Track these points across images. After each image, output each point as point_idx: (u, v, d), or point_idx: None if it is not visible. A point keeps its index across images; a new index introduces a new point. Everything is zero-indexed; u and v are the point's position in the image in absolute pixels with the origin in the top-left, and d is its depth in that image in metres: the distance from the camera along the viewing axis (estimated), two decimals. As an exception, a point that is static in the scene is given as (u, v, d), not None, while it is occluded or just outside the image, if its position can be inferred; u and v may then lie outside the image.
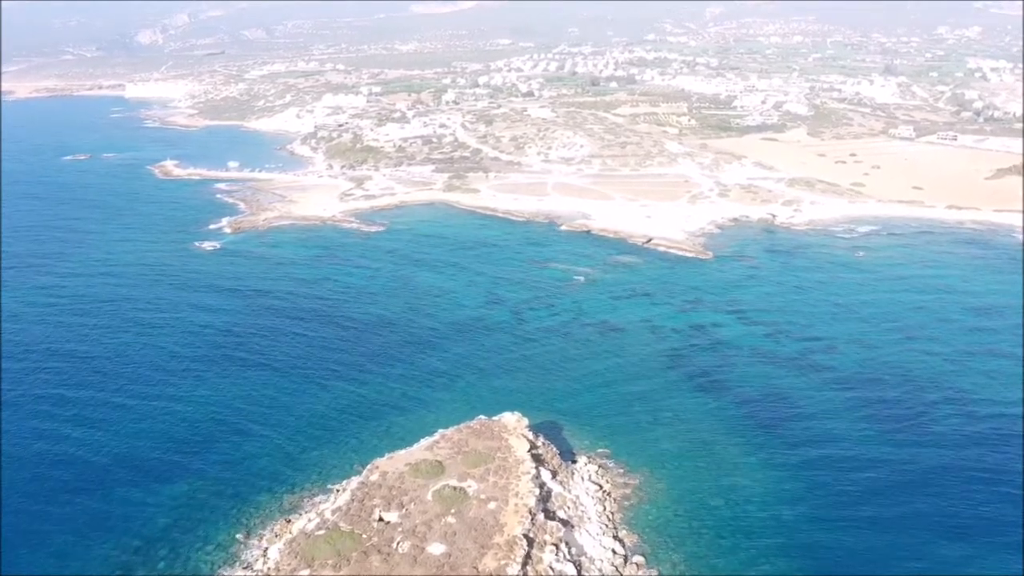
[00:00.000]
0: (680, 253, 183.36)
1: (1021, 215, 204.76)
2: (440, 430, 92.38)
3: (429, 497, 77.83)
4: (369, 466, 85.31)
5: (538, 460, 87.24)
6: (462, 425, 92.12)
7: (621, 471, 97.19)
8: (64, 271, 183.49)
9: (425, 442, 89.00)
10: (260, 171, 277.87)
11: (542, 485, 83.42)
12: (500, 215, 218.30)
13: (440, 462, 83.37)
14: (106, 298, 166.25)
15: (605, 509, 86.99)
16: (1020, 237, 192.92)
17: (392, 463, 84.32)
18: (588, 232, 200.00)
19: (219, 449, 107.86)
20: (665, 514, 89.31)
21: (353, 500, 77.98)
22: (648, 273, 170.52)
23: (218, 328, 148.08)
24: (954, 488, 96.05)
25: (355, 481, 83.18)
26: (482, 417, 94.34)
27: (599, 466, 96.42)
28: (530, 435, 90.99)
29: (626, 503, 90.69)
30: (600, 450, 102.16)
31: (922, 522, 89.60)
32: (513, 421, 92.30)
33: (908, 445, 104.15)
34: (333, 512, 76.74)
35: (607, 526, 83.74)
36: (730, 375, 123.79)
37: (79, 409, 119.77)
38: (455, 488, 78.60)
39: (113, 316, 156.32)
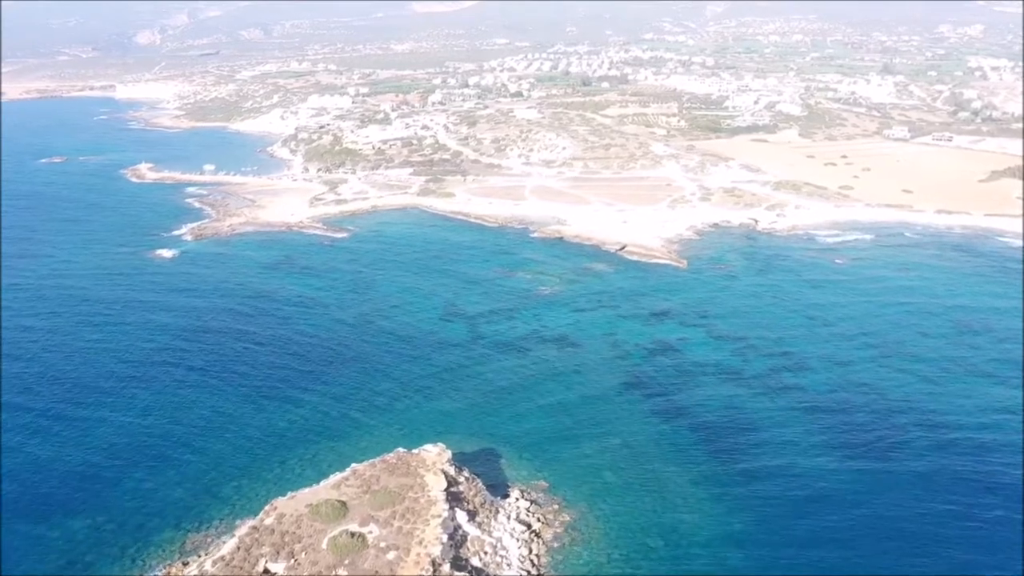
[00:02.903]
0: (653, 261, 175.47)
1: (1016, 219, 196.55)
2: (353, 464, 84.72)
3: (324, 545, 70.26)
4: (267, 507, 77.73)
5: (456, 499, 79.49)
6: (377, 459, 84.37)
7: (556, 507, 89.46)
8: (19, 278, 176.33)
9: (334, 478, 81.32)
10: (235, 174, 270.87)
11: (456, 529, 75.75)
12: (473, 220, 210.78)
13: (344, 503, 75.74)
14: (56, 308, 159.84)
15: (531, 552, 79.28)
16: (1012, 243, 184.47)
17: (292, 503, 76.70)
18: (561, 238, 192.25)
19: (135, 475, 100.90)
20: (598, 558, 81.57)
21: (239, 547, 70.44)
22: (617, 283, 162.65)
23: (163, 340, 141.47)
24: (921, 525, 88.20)
25: (246, 525, 75.61)
26: (401, 449, 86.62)
27: (532, 502, 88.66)
28: (451, 470, 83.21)
29: (556, 544, 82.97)
30: (537, 482, 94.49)
31: (877, 565, 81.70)
32: (433, 455, 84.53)
33: (872, 478, 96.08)
34: (215, 562, 69.21)
35: (529, 573, 75.99)
36: (690, 397, 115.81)
37: (7, 420, 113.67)
38: (353, 535, 71.01)
39: (59, 327, 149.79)
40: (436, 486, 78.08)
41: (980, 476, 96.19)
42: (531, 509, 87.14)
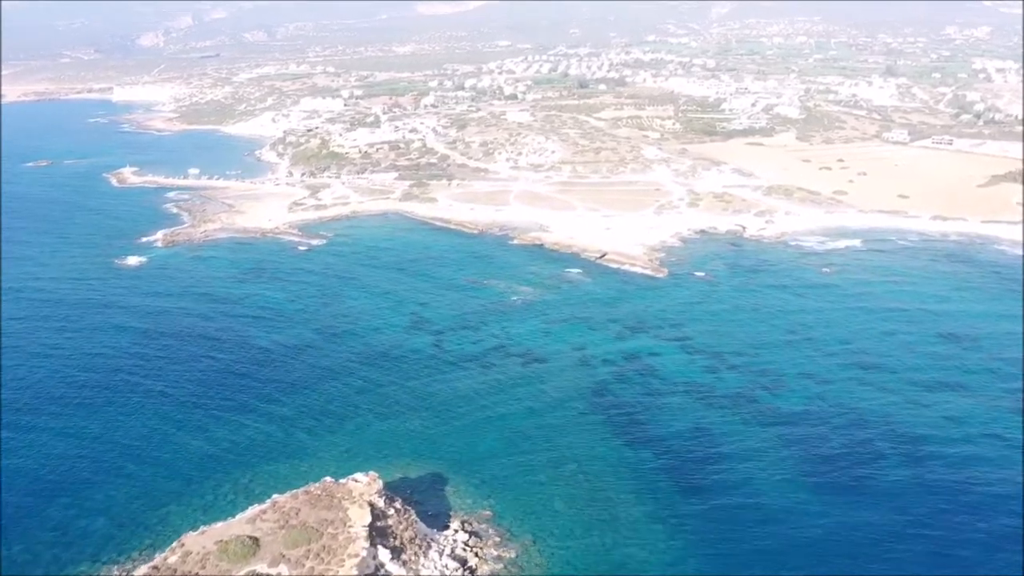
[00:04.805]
0: (633, 269, 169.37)
1: (1014, 226, 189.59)
2: (275, 495, 79.01)
3: (226, 589, 64.81)
4: (175, 543, 72.15)
5: (382, 534, 73.58)
6: (300, 490, 78.52)
7: (498, 539, 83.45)
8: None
9: (252, 511, 75.61)
10: (219, 178, 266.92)
11: (377, 568, 69.87)
12: (453, 226, 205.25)
13: (256, 539, 70.05)
14: (15, 315, 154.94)
15: (462, 593, 73.36)
16: (1009, 250, 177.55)
17: (202, 539, 71.02)
18: (541, 246, 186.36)
19: (62, 500, 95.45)
20: (535, 598, 75.63)
21: (134, 592, 65.09)
22: (593, 292, 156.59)
23: (118, 353, 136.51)
24: (894, 557, 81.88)
25: (145, 566, 70.01)
26: (328, 479, 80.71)
27: (471, 534, 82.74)
28: (381, 501, 77.27)
29: (492, 583, 77.10)
30: (482, 511, 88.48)
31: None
32: (362, 485, 78.61)
33: (842, 508, 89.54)
34: (105, 608, 63.81)
35: (457, 617, 70.18)
36: (656, 417, 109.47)
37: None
38: (259, 577, 65.53)
39: (16, 337, 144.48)
40: (359, 521, 72.19)
41: (966, 510, 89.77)
42: (470, 543, 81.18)
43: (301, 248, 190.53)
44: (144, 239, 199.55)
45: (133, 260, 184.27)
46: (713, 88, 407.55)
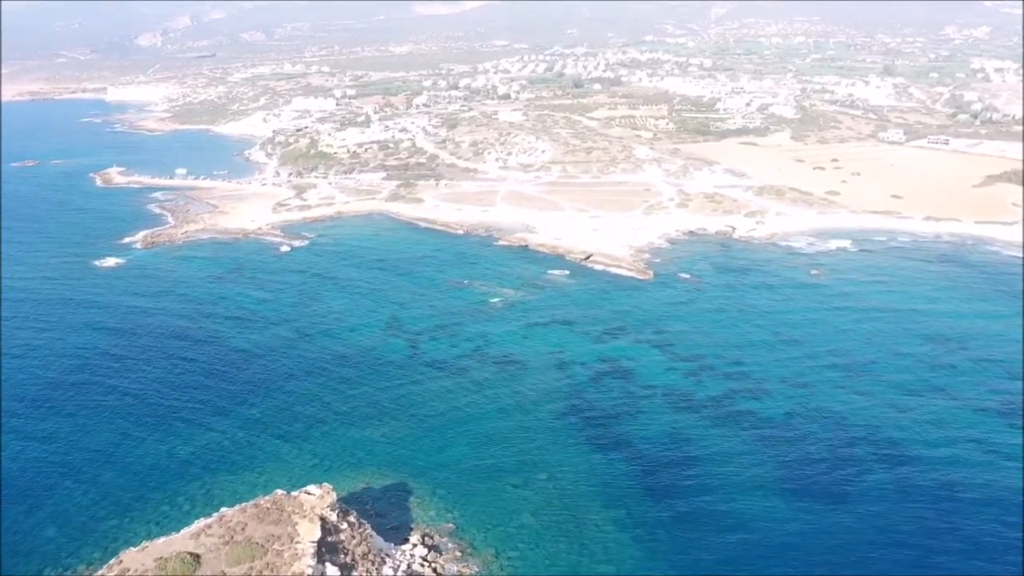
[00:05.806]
0: (618, 271, 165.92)
1: (1008, 227, 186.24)
2: (223, 508, 75.69)
3: (160, 609, 61.55)
4: (113, 560, 68.89)
5: (332, 550, 70.22)
6: (249, 503, 75.10)
7: (459, 554, 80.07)
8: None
9: (197, 525, 72.25)
10: (206, 178, 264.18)
11: (323, 587, 66.62)
12: (438, 227, 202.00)
13: (198, 556, 66.77)
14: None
15: (416, 611, 70.03)
16: (1002, 252, 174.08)
17: (142, 556, 67.71)
18: (526, 247, 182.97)
19: (18, 508, 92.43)
20: (493, 617, 72.30)
21: (64, 613, 61.81)
22: (575, 295, 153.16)
23: (92, 354, 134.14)
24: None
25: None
26: (280, 491, 77.25)
27: (431, 548, 79.39)
28: (334, 515, 73.90)
29: (449, 601, 73.78)
30: (444, 524, 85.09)
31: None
32: (315, 498, 75.15)
33: (820, 513, 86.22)
34: (31, 631, 60.52)
35: (409, 637, 66.88)
36: (632, 425, 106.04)
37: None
38: (196, 597, 62.27)
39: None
40: (307, 536, 68.87)
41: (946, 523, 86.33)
42: (428, 557, 77.80)
43: (283, 249, 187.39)
44: (124, 240, 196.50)
45: (111, 261, 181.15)
46: (708, 88, 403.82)
